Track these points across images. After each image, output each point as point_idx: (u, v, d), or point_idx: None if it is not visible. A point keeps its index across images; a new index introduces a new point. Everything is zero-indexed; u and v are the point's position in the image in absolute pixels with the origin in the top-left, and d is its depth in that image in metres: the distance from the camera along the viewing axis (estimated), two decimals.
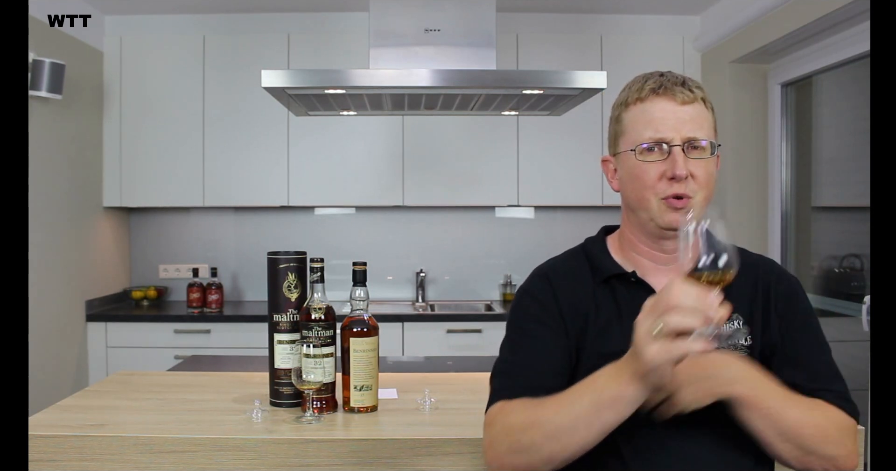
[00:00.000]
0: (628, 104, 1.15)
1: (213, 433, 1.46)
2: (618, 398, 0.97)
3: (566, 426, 1.00)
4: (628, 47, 3.75)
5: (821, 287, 3.22)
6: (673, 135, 1.09)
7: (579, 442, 1.01)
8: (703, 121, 1.12)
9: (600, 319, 1.14)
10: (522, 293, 1.22)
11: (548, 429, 1.02)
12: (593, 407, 0.99)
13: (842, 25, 2.79)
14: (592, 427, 0.99)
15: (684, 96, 1.11)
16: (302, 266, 1.67)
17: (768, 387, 1.05)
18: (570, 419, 1.00)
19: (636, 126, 1.12)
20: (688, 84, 1.12)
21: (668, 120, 1.10)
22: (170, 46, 3.73)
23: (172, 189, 3.74)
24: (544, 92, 2.28)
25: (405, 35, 2.38)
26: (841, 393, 1.10)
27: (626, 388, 0.96)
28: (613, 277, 1.16)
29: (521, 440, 1.04)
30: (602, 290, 1.16)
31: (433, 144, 3.76)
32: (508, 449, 1.06)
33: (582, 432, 1.00)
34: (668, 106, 1.10)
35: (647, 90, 1.12)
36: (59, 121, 3.30)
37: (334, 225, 4.09)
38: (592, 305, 1.15)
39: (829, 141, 3.23)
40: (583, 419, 1.00)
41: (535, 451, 1.03)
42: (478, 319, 3.57)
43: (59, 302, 3.33)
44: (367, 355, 1.61)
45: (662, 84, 1.12)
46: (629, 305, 1.13)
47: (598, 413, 0.99)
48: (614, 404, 0.98)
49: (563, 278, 1.19)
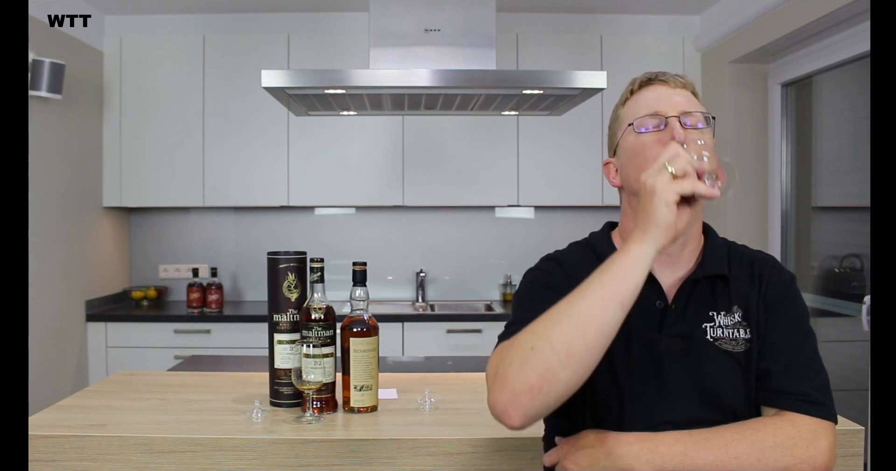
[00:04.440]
0: (624, 101, 1.21)
1: (213, 433, 1.46)
2: (628, 263, 0.96)
3: (581, 310, 0.95)
4: (628, 47, 3.75)
5: (821, 287, 3.22)
6: (668, 109, 1.14)
7: (597, 326, 0.94)
8: (696, 105, 1.16)
9: None
10: (531, 270, 1.22)
11: (560, 318, 0.96)
12: (605, 281, 0.96)
13: (842, 25, 2.79)
14: (608, 304, 0.95)
15: (675, 82, 1.17)
16: (302, 266, 1.67)
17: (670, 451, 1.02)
18: (584, 302, 0.96)
19: (632, 111, 1.18)
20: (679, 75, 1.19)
21: (662, 99, 1.15)
22: (170, 46, 3.73)
23: (172, 189, 3.74)
24: (544, 92, 2.28)
25: (405, 35, 2.38)
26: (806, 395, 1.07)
27: (634, 248, 0.96)
28: None
29: (532, 342, 0.96)
30: None
31: (433, 144, 3.76)
32: (520, 362, 0.95)
33: (597, 311, 0.95)
34: (661, 89, 1.17)
35: (639, 82, 1.19)
36: (59, 121, 3.30)
37: (334, 225, 4.09)
38: None
39: (829, 141, 3.23)
40: (597, 298, 0.95)
41: (550, 348, 0.94)
42: (478, 319, 3.57)
43: (58, 302, 3.33)
44: (367, 355, 1.61)
45: (654, 75, 1.18)
46: None
47: (612, 286, 0.95)
48: (625, 270, 0.96)
49: (570, 264, 1.19)
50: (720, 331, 1.11)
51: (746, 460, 1.01)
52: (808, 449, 1.02)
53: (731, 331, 1.12)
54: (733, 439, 1.02)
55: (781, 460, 1.01)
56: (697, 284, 1.14)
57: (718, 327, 1.12)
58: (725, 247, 1.20)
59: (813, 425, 1.04)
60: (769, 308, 1.14)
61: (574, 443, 1.08)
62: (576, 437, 1.09)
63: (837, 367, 2.91)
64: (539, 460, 1.33)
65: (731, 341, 1.11)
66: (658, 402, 1.09)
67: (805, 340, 1.12)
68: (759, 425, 1.05)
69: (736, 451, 1.01)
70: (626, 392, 1.10)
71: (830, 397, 1.09)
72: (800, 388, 1.07)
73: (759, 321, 1.13)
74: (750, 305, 1.14)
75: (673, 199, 0.96)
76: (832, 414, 1.07)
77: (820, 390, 1.08)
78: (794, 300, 1.15)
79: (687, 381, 1.09)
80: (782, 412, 1.07)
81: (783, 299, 1.14)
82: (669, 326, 1.12)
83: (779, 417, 1.06)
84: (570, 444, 1.08)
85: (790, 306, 1.14)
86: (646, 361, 1.10)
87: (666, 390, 1.09)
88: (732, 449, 1.01)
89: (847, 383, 2.83)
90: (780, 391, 1.08)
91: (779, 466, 1.01)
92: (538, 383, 0.94)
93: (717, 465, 1.01)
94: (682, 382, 1.09)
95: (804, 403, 1.06)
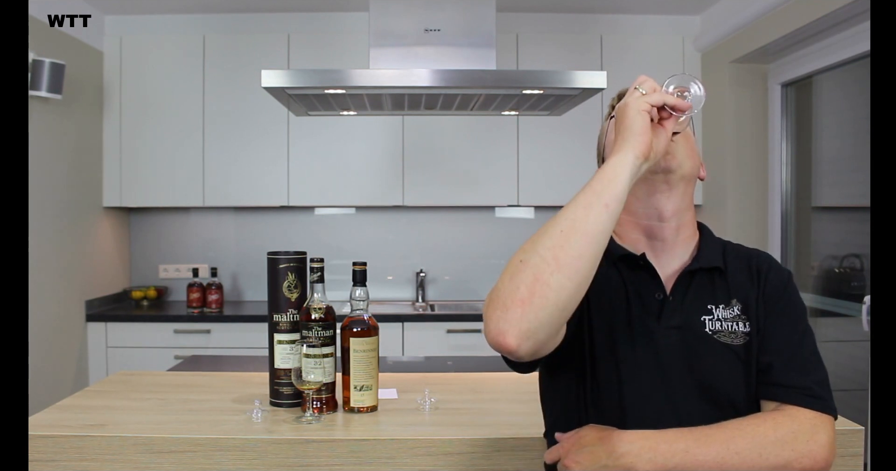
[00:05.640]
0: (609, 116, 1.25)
1: (213, 433, 1.46)
2: (609, 169, 0.99)
3: (566, 216, 0.97)
4: (628, 47, 3.75)
5: (821, 287, 3.22)
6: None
7: (582, 229, 0.95)
8: None
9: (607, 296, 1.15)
10: None
11: (547, 229, 0.97)
12: (588, 189, 0.99)
13: (842, 25, 2.79)
14: (591, 207, 0.96)
15: None
16: (302, 266, 1.67)
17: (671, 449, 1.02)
18: (569, 209, 0.97)
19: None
20: None
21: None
22: (170, 46, 3.73)
23: (172, 189, 3.74)
24: (544, 92, 2.28)
25: (405, 35, 2.38)
26: (808, 389, 1.07)
27: (615, 157, 1.00)
28: (621, 259, 1.17)
29: (520, 256, 0.97)
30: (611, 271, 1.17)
31: (433, 144, 3.76)
32: (510, 277, 0.96)
33: (581, 214, 0.96)
34: None
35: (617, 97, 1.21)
36: (59, 121, 3.30)
37: (334, 225, 4.09)
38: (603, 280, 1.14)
39: (829, 141, 3.23)
40: (581, 203, 0.97)
41: (538, 256, 0.94)
42: (478, 319, 3.56)
43: (58, 302, 3.33)
44: (367, 355, 1.61)
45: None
46: (635, 283, 1.15)
47: (595, 190, 0.98)
48: (606, 175, 0.99)
49: None
50: (719, 324, 1.12)
51: (748, 456, 1.01)
52: (808, 443, 1.03)
53: (730, 324, 1.12)
54: (734, 435, 1.03)
55: (783, 455, 1.02)
56: (695, 277, 1.15)
57: (717, 320, 1.12)
58: (721, 244, 1.22)
59: (813, 419, 1.05)
60: (768, 304, 1.14)
61: (575, 441, 1.08)
62: (577, 434, 1.09)
63: (837, 367, 2.91)
64: (539, 460, 1.34)
65: (730, 334, 1.12)
66: (659, 395, 1.09)
67: (805, 336, 1.13)
68: (760, 420, 1.05)
69: (737, 447, 1.02)
70: (628, 385, 1.10)
71: (830, 392, 1.09)
72: (801, 382, 1.08)
73: (758, 316, 1.13)
74: (749, 300, 1.14)
75: (644, 107, 1.00)
76: (832, 409, 1.08)
77: (820, 385, 1.08)
78: (792, 297, 1.16)
79: (687, 373, 1.10)
80: (782, 407, 1.07)
81: (782, 296, 1.15)
82: (668, 317, 1.12)
83: (779, 412, 1.07)
84: (570, 442, 1.09)
85: (789, 303, 1.15)
86: (646, 353, 1.11)
87: (667, 383, 1.09)
88: (734, 445, 1.02)
89: (847, 383, 2.83)
90: (782, 385, 1.08)
91: (780, 460, 1.01)
92: (529, 292, 0.93)
93: (718, 461, 1.01)
94: (683, 374, 1.10)
95: (805, 396, 1.07)
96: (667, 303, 1.13)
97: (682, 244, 1.17)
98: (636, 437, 1.04)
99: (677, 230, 1.17)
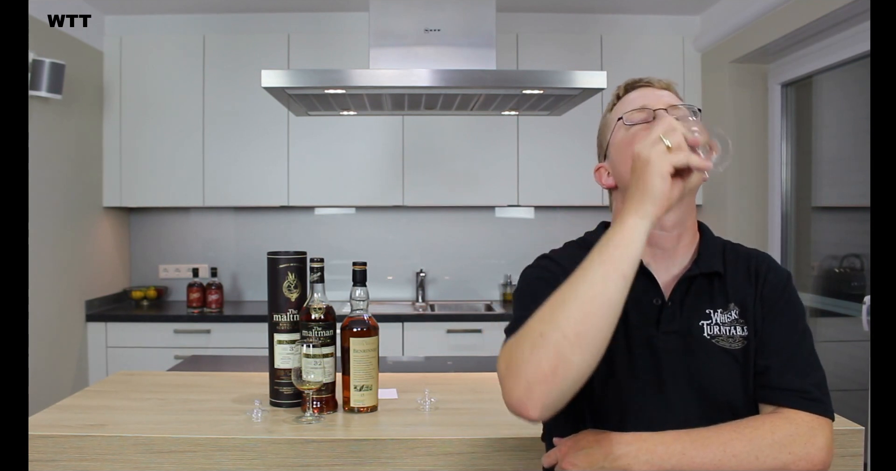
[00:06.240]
0: (612, 107, 1.25)
1: (213, 433, 1.46)
2: (625, 236, 0.96)
3: (584, 289, 0.94)
4: (628, 47, 3.75)
5: (821, 287, 3.22)
6: (655, 103, 1.17)
7: (602, 303, 0.94)
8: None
9: None
10: (529, 268, 1.23)
11: (565, 300, 0.95)
12: (604, 258, 0.95)
13: (842, 25, 2.79)
14: (610, 279, 0.94)
15: (659, 84, 1.21)
16: (302, 266, 1.67)
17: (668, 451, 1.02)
18: (587, 281, 0.95)
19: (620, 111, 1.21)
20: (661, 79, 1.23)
21: (649, 96, 1.19)
22: (170, 46, 3.73)
23: (172, 189, 3.74)
24: (544, 92, 2.28)
25: (405, 35, 2.38)
26: (805, 392, 1.07)
27: (630, 221, 0.96)
28: None
29: (540, 328, 0.95)
30: None
31: (433, 144, 3.76)
32: (531, 351, 0.94)
33: (600, 288, 0.94)
34: (647, 90, 1.21)
35: (624, 87, 1.23)
36: (59, 121, 3.30)
37: (334, 225, 4.09)
38: None
39: (829, 141, 3.23)
40: (599, 275, 0.94)
41: (559, 331, 0.93)
42: (478, 319, 3.57)
43: (58, 302, 3.33)
44: (367, 355, 1.61)
45: (638, 79, 1.23)
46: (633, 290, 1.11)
47: (612, 261, 0.95)
48: (623, 243, 0.95)
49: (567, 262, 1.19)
50: (717, 329, 1.12)
51: (745, 459, 1.01)
52: (805, 446, 1.03)
53: (728, 328, 1.12)
54: (731, 438, 1.02)
55: (780, 458, 1.01)
56: (694, 282, 1.15)
57: (715, 325, 1.12)
58: (721, 245, 1.21)
59: (811, 421, 1.05)
60: (767, 306, 1.14)
61: (572, 444, 1.08)
62: (574, 437, 1.09)
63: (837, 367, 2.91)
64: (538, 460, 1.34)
65: (728, 339, 1.12)
66: (658, 400, 1.09)
67: (803, 338, 1.12)
68: (757, 422, 1.05)
69: (734, 449, 1.01)
70: (627, 391, 1.10)
71: (828, 395, 1.09)
72: (799, 385, 1.08)
73: (756, 318, 1.13)
74: (747, 303, 1.14)
75: (668, 170, 0.96)
76: (830, 411, 1.08)
77: (818, 387, 1.08)
78: (791, 298, 1.16)
79: (686, 379, 1.10)
80: (780, 409, 1.07)
81: (780, 297, 1.15)
82: (667, 322, 1.12)
83: (776, 414, 1.06)
84: (568, 444, 1.09)
85: (788, 304, 1.15)
86: (645, 358, 1.11)
87: (665, 389, 1.09)
88: (731, 448, 1.02)
89: (847, 383, 2.83)
90: (779, 388, 1.08)
91: (777, 463, 1.01)
92: (552, 370, 0.92)
93: (715, 464, 1.01)
94: (682, 380, 1.09)
95: (803, 399, 1.07)
96: (665, 309, 1.13)
97: (682, 250, 1.17)
98: (633, 439, 1.04)
99: (678, 238, 1.17)
